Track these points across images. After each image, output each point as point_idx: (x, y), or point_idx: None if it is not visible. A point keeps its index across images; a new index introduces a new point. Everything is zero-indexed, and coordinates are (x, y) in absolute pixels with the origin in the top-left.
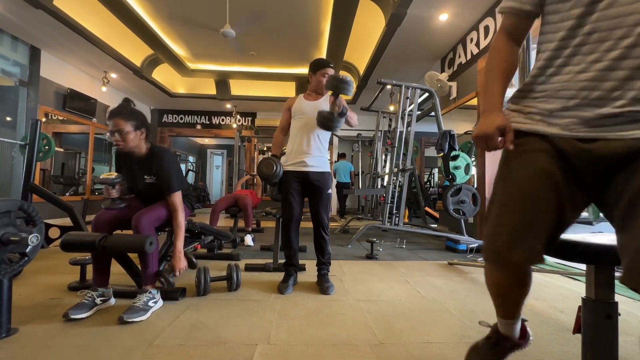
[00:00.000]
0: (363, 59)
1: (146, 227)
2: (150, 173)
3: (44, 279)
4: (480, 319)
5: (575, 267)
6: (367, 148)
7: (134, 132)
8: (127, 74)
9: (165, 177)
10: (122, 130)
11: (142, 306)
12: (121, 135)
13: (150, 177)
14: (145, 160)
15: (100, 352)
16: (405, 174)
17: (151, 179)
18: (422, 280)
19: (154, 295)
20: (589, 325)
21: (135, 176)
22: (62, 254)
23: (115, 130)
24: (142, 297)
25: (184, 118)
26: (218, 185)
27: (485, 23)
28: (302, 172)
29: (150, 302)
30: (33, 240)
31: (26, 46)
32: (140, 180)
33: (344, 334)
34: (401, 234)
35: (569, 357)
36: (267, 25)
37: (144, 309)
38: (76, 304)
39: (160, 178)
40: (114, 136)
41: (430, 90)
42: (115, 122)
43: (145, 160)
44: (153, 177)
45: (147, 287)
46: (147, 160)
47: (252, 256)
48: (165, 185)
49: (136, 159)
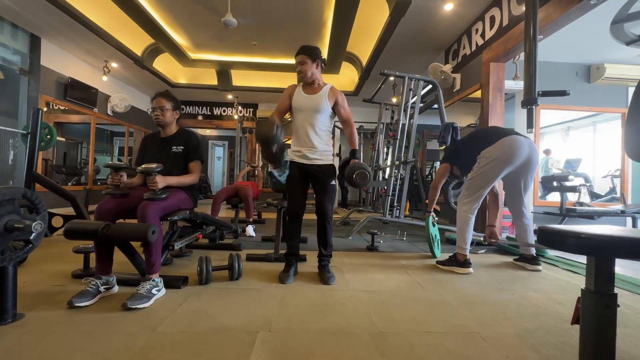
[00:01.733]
0: (366, 49)
1: (152, 215)
2: (180, 144)
3: (48, 266)
4: (478, 309)
5: (575, 260)
6: (369, 140)
7: (172, 111)
8: (127, 64)
9: (193, 145)
10: (163, 107)
11: (146, 293)
12: (162, 112)
13: (178, 147)
14: (174, 136)
15: (104, 337)
16: (407, 167)
17: (179, 148)
18: (422, 272)
19: (157, 284)
20: (588, 316)
21: (163, 148)
22: (65, 242)
23: (158, 107)
24: (146, 285)
25: (185, 109)
26: (219, 176)
27: (491, 13)
28: (306, 164)
29: (153, 290)
30: (37, 227)
31: (26, 34)
32: (167, 151)
33: (344, 323)
34: (402, 227)
35: (567, 348)
36: (269, 15)
37: (147, 296)
38: (80, 292)
39: (189, 146)
40: (155, 112)
41: (434, 82)
42: (158, 100)
43: (174, 136)
44: (181, 147)
45: (151, 276)
46: (177, 135)
47: (253, 246)
48: (193, 151)
49: (164, 137)
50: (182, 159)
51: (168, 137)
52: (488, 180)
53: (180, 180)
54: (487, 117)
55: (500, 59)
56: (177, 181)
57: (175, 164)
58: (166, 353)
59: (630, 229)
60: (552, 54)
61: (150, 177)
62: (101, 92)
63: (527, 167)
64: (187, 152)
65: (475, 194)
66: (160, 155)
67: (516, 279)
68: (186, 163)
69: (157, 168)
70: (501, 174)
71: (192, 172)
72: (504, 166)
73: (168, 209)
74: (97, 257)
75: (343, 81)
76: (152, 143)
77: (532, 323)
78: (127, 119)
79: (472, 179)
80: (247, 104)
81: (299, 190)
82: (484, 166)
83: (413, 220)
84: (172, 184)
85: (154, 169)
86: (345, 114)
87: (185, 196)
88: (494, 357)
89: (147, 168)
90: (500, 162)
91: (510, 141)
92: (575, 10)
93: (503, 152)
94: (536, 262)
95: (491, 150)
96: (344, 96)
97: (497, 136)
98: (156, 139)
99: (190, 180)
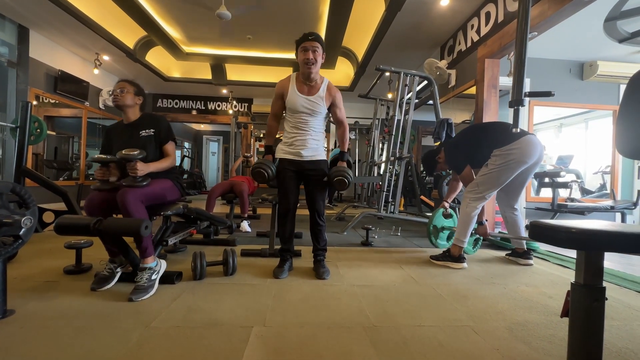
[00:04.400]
0: (362, 44)
1: (132, 202)
2: (149, 127)
3: (39, 262)
4: (471, 303)
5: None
6: (364, 136)
7: (133, 95)
8: (119, 57)
9: (165, 127)
10: (123, 89)
11: (147, 283)
12: (121, 93)
13: (148, 130)
14: (138, 121)
15: (97, 333)
16: (402, 163)
17: (149, 132)
18: (416, 267)
19: (153, 268)
20: (577, 309)
21: (131, 134)
22: (57, 238)
23: (118, 88)
24: (144, 275)
25: (179, 103)
26: (214, 172)
27: (486, 9)
28: (298, 160)
29: (153, 276)
30: (26, 222)
31: (14, 25)
32: (135, 136)
33: (339, 317)
34: (396, 222)
35: (556, 340)
36: (264, 8)
37: (149, 285)
38: (98, 277)
39: (159, 129)
40: (114, 93)
41: (429, 77)
42: (120, 84)
43: (138, 121)
44: (152, 131)
45: (147, 261)
46: (142, 119)
47: (248, 242)
48: (165, 132)
49: (128, 124)
50: (155, 142)
51: (132, 122)
52: (503, 179)
53: (159, 165)
54: (481, 114)
55: (495, 55)
56: (157, 167)
57: (148, 149)
58: (160, 348)
59: (619, 224)
60: (546, 50)
61: (131, 163)
62: (92, 85)
63: (534, 167)
64: (159, 134)
65: (487, 191)
66: (129, 142)
67: (508, 273)
68: (160, 146)
69: (140, 155)
70: (516, 173)
71: (169, 154)
72: (521, 166)
73: (151, 196)
74: (105, 245)
75: (338, 76)
76: (115, 132)
77: (522, 316)
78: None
79: (487, 175)
80: (241, 98)
81: (291, 187)
82: (502, 164)
83: (408, 215)
84: (152, 169)
85: (135, 155)
86: (340, 116)
87: (171, 184)
88: (485, 349)
89: (128, 154)
90: (518, 162)
91: (529, 141)
92: (569, 8)
93: (522, 154)
94: (528, 257)
95: (510, 149)
96: (340, 95)
97: (513, 135)
98: (119, 127)
99: (168, 164)
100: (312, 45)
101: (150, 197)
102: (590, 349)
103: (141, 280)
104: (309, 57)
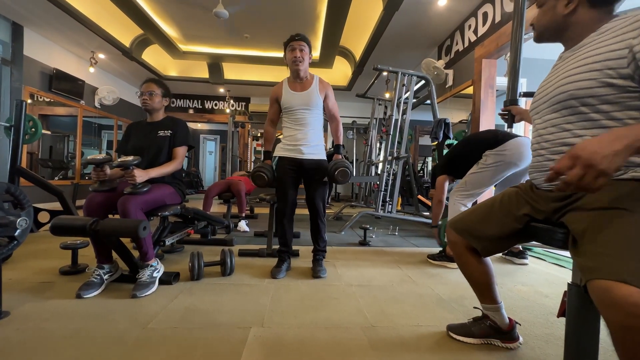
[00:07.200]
0: (360, 44)
1: (133, 210)
2: (167, 128)
3: (35, 263)
4: (469, 303)
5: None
6: (362, 136)
7: (161, 97)
8: (115, 55)
9: (182, 131)
10: (152, 92)
11: (148, 279)
12: (150, 96)
13: (165, 131)
14: (161, 122)
15: (94, 334)
16: (400, 162)
17: (166, 132)
18: (414, 266)
19: (155, 267)
20: (574, 310)
21: (149, 132)
22: (52, 238)
23: (147, 91)
24: (146, 272)
25: (175, 102)
26: (211, 171)
27: (484, 9)
28: (297, 159)
29: (154, 273)
30: (22, 223)
31: (7, 22)
32: (152, 135)
33: (337, 317)
34: (394, 222)
35: (552, 340)
36: (261, 7)
37: (151, 281)
38: (85, 284)
39: (176, 131)
40: (143, 96)
41: (427, 77)
42: (148, 85)
43: (161, 122)
44: (169, 132)
45: (148, 263)
46: (164, 122)
47: (246, 242)
48: (181, 135)
49: (150, 122)
50: (169, 143)
51: (155, 122)
52: (491, 179)
53: (161, 170)
54: (478, 114)
55: (492, 56)
56: (159, 172)
57: (161, 149)
58: (158, 350)
59: None
60: (544, 50)
61: (128, 170)
62: (88, 84)
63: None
64: (174, 136)
65: (474, 190)
66: (145, 140)
67: (504, 272)
68: (172, 148)
69: (135, 161)
70: (505, 175)
71: (176, 157)
72: (511, 168)
73: (151, 203)
74: (95, 249)
75: (336, 76)
76: (137, 129)
77: (519, 315)
78: (115, 112)
79: (475, 174)
80: (239, 97)
81: (290, 186)
82: (491, 165)
83: (405, 215)
84: (154, 175)
85: (130, 162)
86: (333, 108)
87: (172, 191)
88: (482, 349)
89: (124, 162)
90: (507, 164)
91: (519, 143)
92: None
93: (512, 155)
94: (523, 256)
95: (501, 150)
96: (332, 89)
97: (503, 137)
98: (142, 125)
99: (171, 168)
100: (299, 44)
101: (151, 203)
102: (587, 348)
103: (143, 277)
104: (297, 55)
